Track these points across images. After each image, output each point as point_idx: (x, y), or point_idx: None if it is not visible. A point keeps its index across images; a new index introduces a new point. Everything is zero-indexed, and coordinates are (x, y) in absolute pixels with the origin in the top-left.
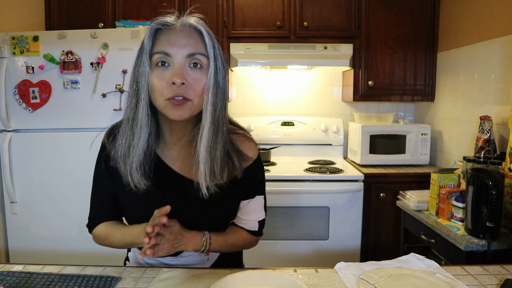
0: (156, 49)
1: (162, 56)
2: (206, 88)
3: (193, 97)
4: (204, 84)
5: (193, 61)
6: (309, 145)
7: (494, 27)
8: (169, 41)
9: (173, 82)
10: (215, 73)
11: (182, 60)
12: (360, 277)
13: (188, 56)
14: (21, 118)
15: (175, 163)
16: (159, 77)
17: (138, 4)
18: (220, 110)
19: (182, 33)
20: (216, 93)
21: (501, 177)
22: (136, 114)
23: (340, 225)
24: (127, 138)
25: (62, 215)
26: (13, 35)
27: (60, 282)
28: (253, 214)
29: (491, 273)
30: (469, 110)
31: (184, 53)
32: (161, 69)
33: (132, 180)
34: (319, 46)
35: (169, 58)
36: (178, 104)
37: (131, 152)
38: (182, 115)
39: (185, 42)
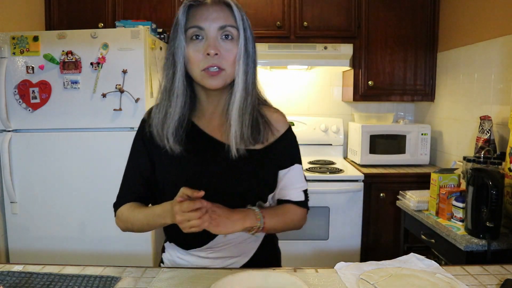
0: (190, 24)
1: (196, 30)
2: (237, 57)
3: (226, 67)
4: (235, 54)
5: (224, 33)
6: (309, 145)
7: (494, 27)
8: (202, 16)
9: (208, 53)
10: (245, 43)
11: (215, 32)
12: (360, 277)
13: (220, 29)
14: (21, 118)
15: (211, 129)
16: (194, 49)
17: (138, 4)
18: (250, 77)
19: (213, 7)
20: (247, 62)
21: (501, 177)
22: (173, 84)
23: (340, 225)
24: (164, 106)
25: (62, 215)
26: (13, 35)
27: (60, 282)
28: (296, 183)
29: (491, 273)
30: (469, 110)
31: (216, 26)
32: (195, 42)
33: (168, 144)
34: (319, 46)
35: (202, 32)
36: (214, 74)
37: (167, 119)
38: (217, 84)
39: (216, 16)
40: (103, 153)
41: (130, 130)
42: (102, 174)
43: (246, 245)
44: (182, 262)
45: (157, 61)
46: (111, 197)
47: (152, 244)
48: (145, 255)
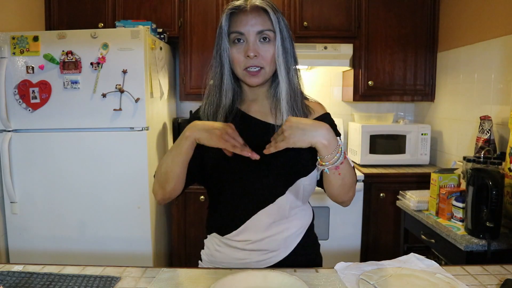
0: (232, 29)
1: (237, 34)
2: (276, 55)
3: (265, 65)
4: (272, 53)
5: (262, 36)
6: None
7: (494, 27)
8: (241, 22)
9: (248, 55)
10: (281, 42)
11: (253, 36)
12: (360, 277)
13: (258, 33)
14: (21, 118)
15: (257, 113)
16: (236, 51)
17: (138, 4)
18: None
19: (252, 14)
20: (286, 58)
21: (501, 177)
22: (222, 81)
23: (340, 225)
24: (215, 101)
25: (62, 215)
26: (13, 35)
27: (60, 282)
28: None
29: (491, 273)
30: (469, 110)
31: (254, 30)
32: (237, 45)
33: None
34: (319, 46)
35: (243, 36)
36: (254, 74)
37: (219, 111)
38: (258, 82)
39: (254, 22)
40: (103, 153)
41: (130, 130)
42: (102, 174)
43: (287, 238)
44: (219, 256)
45: (157, 61)
46: (111, 197)
47: (152, 244)
48: (145, 255)
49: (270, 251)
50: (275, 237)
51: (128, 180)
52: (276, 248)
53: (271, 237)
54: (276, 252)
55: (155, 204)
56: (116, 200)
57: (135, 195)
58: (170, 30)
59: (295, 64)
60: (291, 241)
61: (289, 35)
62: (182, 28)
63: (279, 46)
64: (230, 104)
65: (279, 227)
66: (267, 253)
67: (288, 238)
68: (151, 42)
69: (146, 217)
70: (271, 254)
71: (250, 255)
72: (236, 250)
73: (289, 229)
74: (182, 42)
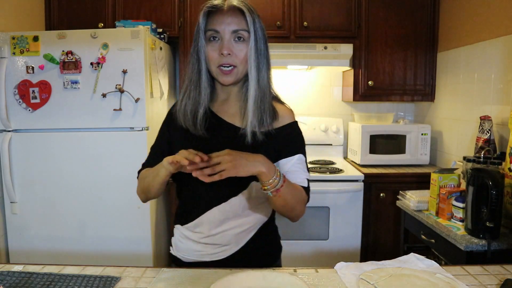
0: (208, 26)
1: (213, 32)
2: (248, 55)
3: (238, 64)
4: (246, 53)
5: (237, 36)
6: (309, 145)
7: (494, 27)
8: (218, 20)
9: (222, 53)
10: (255, 43)
11: (228, 35)
12: (360, 277)
13: (233, 32)
14: (21, 118)
15: (226, 114)
16: (211, 49)
17: (138, 4)
18: (263, 72)
19: (228, 13)
20: (258, 58)
21: (501, 177)
22: (200, 77)
23: (340, 225)
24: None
25: (62, 215)
26: (13, 35)
27: (60, 282)
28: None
29: (491, 273)
30: (469, 110)
31: (229, 29)
32: (213, 43)
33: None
34: (319, 46)
35: (218, 34)
36: (227, 72)
37: (197, 107)
38: (230, 81)
39: (230, 21)
40: (103, 153)
41: (130, 130)
42: (102, 174)
43: (238, 234)
44: (181, 246)
45: (157, 61)
46: (111, 197)
47: (152, 244)
48: (145, 255)
49: (222, 245)
50: (227, 233)
51: (128, 180)
52: (227, 243)
53: (223, 232)
54: (227, 246)
55: (155, 204)
56: (116, 200)
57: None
58: (170, 30)
59: (268, 65)
60: (243, 237)
61: (263, 37)
62: (182, 28)
63: (252, 47)
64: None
65: (231, 223)
66: (220, 247)
67: (240, 234)
68: (151, 42)
69: (146, 217)
70: (223, 248)
71: (205, 248)
72: (194, 243)
73: (241, 226)
74: (182, 42)
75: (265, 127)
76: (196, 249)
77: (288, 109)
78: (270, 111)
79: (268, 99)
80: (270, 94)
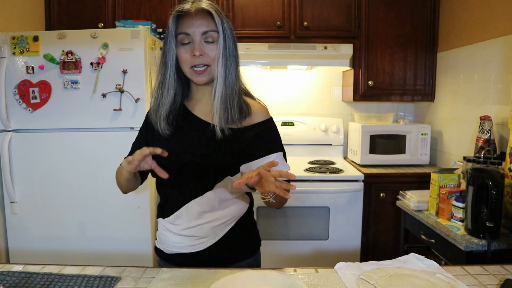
0: (179, 30)
1: (184, 35)
2: (217, 53)
3: (211, 63)
4: (215, 51)
5: (207, 37)
6: (309, 145)
7: (494, 27)
8: (188, 23)
9: (194, 55)
10: (224, 42)
11: (199, 37)
12: (360, 277)
13: (203, 34)
14: (21, 118)
15: (199, 112)
16: (184, 51)
17: (138, 4)
18: (230, 70)
19: (197, 16)
20: (226, 58)
21: (501, 177)
22: (164, 79)
23: (340, 225)
24: (158, 97)
25: (62, 215)
26: (13, 35)
27: (60, 282)
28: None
29: (491, 273)
30: (469, 110)
31: (199, 31)
32: (185, 46)
33: (160, 128)
34: (319, 46)
35: (189, 37)
36: (200, 72)
37: (160, 107)
38: (203, 80)
39: (199, 23)
40: (103, 153)
41: (130, 130)
42: (102, 174)
43: (215, 227)
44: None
45: (157, 61)
46: (111, 197)
47: (152, 244)
48: (145, 255)
49: (200, 237)
50: (204, 226)
51: None
52: (205, 235)
53: (200, 225)
54: (205, 238)
55: (155, 204)
56: (116, 200)
57: (135, 195)
58: None
59: (236, 63)
60: (220, 229)
61: (232, 36)
62: None
63: (221, 46)
64: (173, 101)
65: (208, 217)
66: (198, 239)
67: (217, 227)
68: (151, 42)
69: (146, 217)
70: (201, 240)
71: (184, 240)
72: (174, 235)
73: (218, 219)
74: None
75: (234, 124)
76: (176, 240)
77: (261, 106)
78: (239, 107)
79: (236, 97)
80: (238, 91)
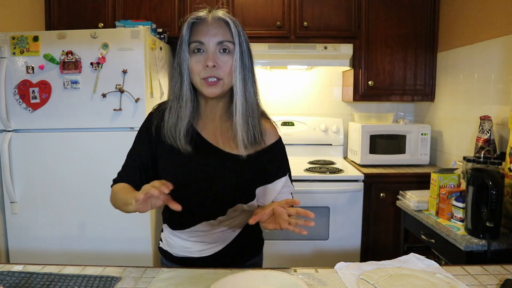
0: (192, 38)
1: (197, 44)
2: (233, 68)
3: (224, 77)
4: (231, 65)
5: (222, 47)
6: (309, 145)
7: (494, 27)
8: (202, 32)
9: (207, 65)
10: (240, 55)
11: (214, 47)
12: (360, 277)
13: (218, 44)
14: (21, 118)
15: (209, 135)
16: (196, 60)
17: (138, 4)
18: (249, 86)
19: (213, 24)
20: (244, 72)
21: (501, 177)
22: (181, 91)
23: (340, 225)
24: (176, 111)
25: (62, 215)
26: (13, 35)
27: (60, 282)
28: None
29: (491, 273)
30: (469, 110)
31: (215, 41)
32: (197, 54)
33: (180, 145)
34: (319, 46)
35: (203, 46)
36: (211, 84)
37: (179, 121)
38: (215, 93)
39: (215, 32)
40: (103, 153)
41: (130, 130)
42: (102, 174)
43: (223, 233)
44: (171, 242)
45: (157, 61)
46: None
47: (152, 244)
48: (145, 255)
49: (210, 243)
50: (214, 234)
51: None
52: (214, 241)
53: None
54: (215, 244)
55: None
56: None
57: None
58: (170, 30)
59: (253, 80)
60: (229, 235)
61: (248, 50)
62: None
63: (238, 59)
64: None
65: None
66: (207, 244)
67: (226, 233)
68: (151, 42)
69: (146, 217)
70: (211, 245)
71: (194, 245)
72: (183, 240)
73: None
74: None
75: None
76: (185, 246)
77: (273, 126)
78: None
79: (257, 115)
80: (258, 109)
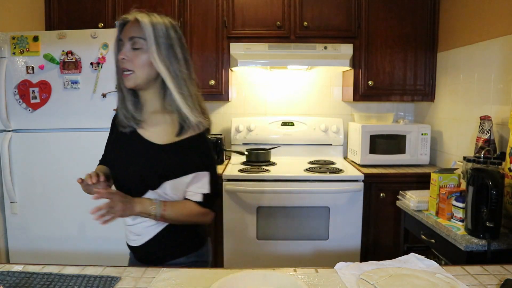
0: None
1: (120, 41)
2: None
3: (135, 69)
4: (143, 58)
5: (133, 42)
6: (309, 145)
7: (494, 27)
8: (124, 31)
9: (122, 58)
10: (157, 47)
11: (127, 42)
12: (360, 277)
13: (130, 39)
14: (21, 118)
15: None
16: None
17: (138, 4)
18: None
19: (130, 24)
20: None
21: (501, 177)
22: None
23: (340, 225)
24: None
25: (62, 215)
26: (13, 35)
27: (60, 282)
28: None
29: (491, 273)
30: (469, 110)
31: (127, 36)
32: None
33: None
34: (319, 46)
35: (122, 42)
36: (125, 76)
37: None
38: (129, 84)
39: (130, 30)
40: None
41: None
42: None
43: (147, 228)
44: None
45: None
46: None
47: None
48: None
49: (136, 235)
50: (139, 225)
51: None
52: (140, 233)
53: (137, 224)
54: (140, 236)
55: None
56: None
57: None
58: None
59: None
60: (151, 230)
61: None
62: (182, 28)
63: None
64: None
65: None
66: (135, 235)
67: (148, 228)
68: None
69: None
70: (137, 237)
71: (129, 235)
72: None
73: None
74: None
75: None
76: (126, 234)
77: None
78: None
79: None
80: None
